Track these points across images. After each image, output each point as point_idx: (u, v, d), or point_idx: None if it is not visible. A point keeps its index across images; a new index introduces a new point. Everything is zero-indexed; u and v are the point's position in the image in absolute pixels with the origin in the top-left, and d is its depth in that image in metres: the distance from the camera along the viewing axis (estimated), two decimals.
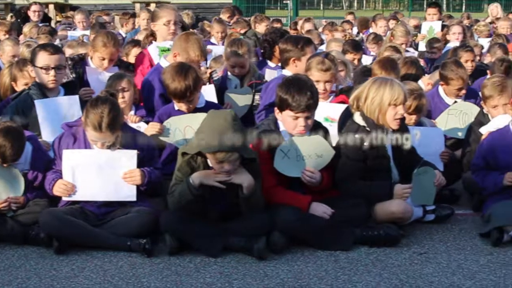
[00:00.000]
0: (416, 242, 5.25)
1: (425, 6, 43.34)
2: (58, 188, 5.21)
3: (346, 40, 9.67)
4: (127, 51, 8.06)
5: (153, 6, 21.89)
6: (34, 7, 14.62)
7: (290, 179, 5.27)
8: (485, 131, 5.93)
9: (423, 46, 11.03)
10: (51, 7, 21.16)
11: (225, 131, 4.81)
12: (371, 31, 12.59)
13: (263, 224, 5.02)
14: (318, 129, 5.41)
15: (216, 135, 4.81)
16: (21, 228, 5.10)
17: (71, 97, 6.21)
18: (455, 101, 7.10)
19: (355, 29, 14.49)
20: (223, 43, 10.41)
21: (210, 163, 4.97)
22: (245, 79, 7.33)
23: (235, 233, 5.00)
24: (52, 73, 6.11)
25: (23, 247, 5.08)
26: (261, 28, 12.44)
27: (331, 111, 6.11)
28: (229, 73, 7.38)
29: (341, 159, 5.36)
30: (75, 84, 6.51)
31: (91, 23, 12.27)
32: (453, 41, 10.69)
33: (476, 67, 8.65)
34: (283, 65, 7.11)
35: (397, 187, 5.30)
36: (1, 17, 16.92)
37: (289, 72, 6.79)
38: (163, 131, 5.93)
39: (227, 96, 7.11)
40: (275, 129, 5.34)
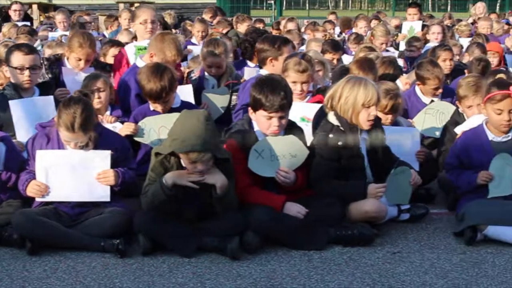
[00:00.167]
0: (390, 241, 5.26)
1: None
2: (31, 189, 5.18)
3: (325, 40, 9.69)
4: (105, 51, 8.04)
5: (136, 6, 21.88)
6: (15, 6, 14.56)
7: (264, 179, 5.27)
8: (460, 131, 5.95)
9: (403, 46, 11.06)
10: (35, 7, 21.04)
11: (198, 131, 4.80)
12: (354, 31, 12.66)
13: (237, 224, 5.02)
14: (292, 129, 5.42)
15: (189, 135, 4.80)
16: None
17: (46, 98, 6.20)
18: (432, 100, 7.14)
19: (338, 29, 14.53)
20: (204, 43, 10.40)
21: (183, 163, 4.96)
22: (222, 79, 7.34)
23: (208, 233, 4.99)
24: (26, 73, 6.10)
25: None
26: (243, 28, 12.45)
27: (307, 111, 6.12)
28: (206, 73, 7.38)
29: (315, 159, 5.37)
30: (50, 84, 6.50)
31: (72, 24, 12.24)
32: (433, 41, 10.76)
33: (454, 66, 8.69)
34: (260, 65, 7.13)
35: (371, 186, 5.31)
36: None
37: (267, 71, 6.80)
38: (137, 131, 5.93)
39: (204, 96, 7.11)
40: (249, 129, 5.34)
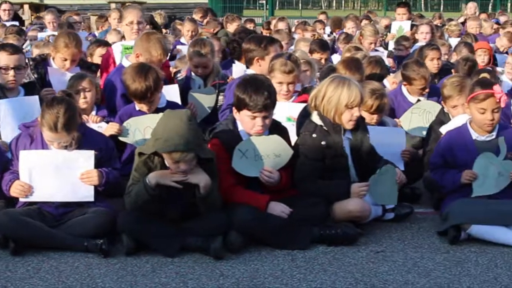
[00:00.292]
0: (374, 240, 5.26)
1: None
2: (15, 189, 5.17)
3: (313, 39, 9.70)
4: (91, 51, 8.04)
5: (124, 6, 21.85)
6: (4, 6, 14.50)
7: (248, 179, 5.27)
8: (445, 131, 5.95)
9: (392, 45, 11.08)
10: (26, 7, 21.03)
11: (181, 131, 4.79)
12: (344, 31, 12.68)
13: (221, 223, 5.02)
14: (277, 128, 5.43)
15: (171, 135, 4.79)
16: None
17: (31, 98, 6.18)
18: (418, 100, 7.15)
19: (328, 29, 14.53)
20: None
21: (166, 163, 4.96)
22: (208, 79, 7.35)
23: (192, 233, 4.98)
24: (11, 73, 6.09)
25: None
26: (233, 28, 12.45)
27: (293, 111, 6.11)
28: (192, 73, 7.38)
29: (299, 159, 5.37)
30: (35, 84, 6.48)
31: (60, 24, 12.22)
32: (422, 41, 10.80)
33: (442, 66, 8.71)
34: (247, 64, 7.14)
35: (354, 185, 5.31)
36: None
37: (254, 71, 6.81)
38: (122, 131, 5.93)
39: (190, 96, 7.11)
40: (234, 129, 5.35)
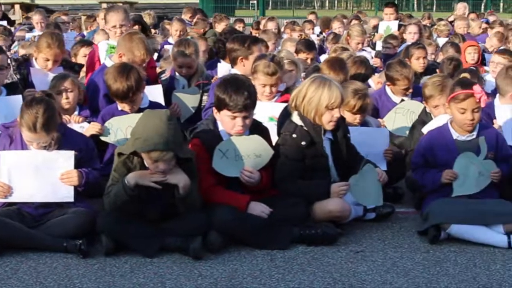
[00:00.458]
0: (354, 240, 5.26)
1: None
2: None
3: (300, 39, 9.70)
4: (75, 51, 8.03)
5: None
6: None
7: (229, 179, 5.26)
8: (426, 130, 5.95)
9: (380, 45, 11.09)
10: (17, 7, 21.02)
11: (160, 130, 4.79)
12: (332, 31, 12.70)
13: (200, 224, 5.01)
14: (257, 128, 5.42)
15: (151, 134, 4.79)
16: None
17: (15, 97, 6.17)
18: (402, 100, 7.15)
19: (318, 29, 14.55)
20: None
21: (146, 163, 4.95)
22: (192, 79, 7.35)
23: (172, 233, 4.98)
24: None
25: None
26: (221, 27, 12.46)
27: (275, 111, 6.12)
28: (176, 73, 7.37)
29: (280, 159, 5.37)
30: (17, 85, 6.48)
31: (47, 24, 12.19)
32: (410, 41, 10.81)
33: (428, 65, 8.73)
34: (232, 64, 7.15)
35: (334, 185, 5.31)
36: None
37: (238, 71, 6.81)
38: (104, 131, 5.92)
39: (174, 96, 7.11)
40: (214, 129, 5.34)
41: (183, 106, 7.05)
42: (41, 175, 5.16)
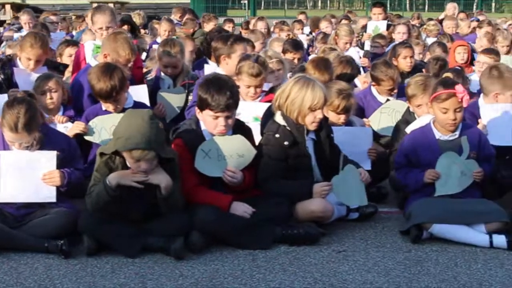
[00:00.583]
0: (337, 240, 5.27)
1: (388, 6, 43.82)
2: None
3: (287, 39, 9.71)
4: (61, 51, 8.02)
5: (110, 6, 21.80)
6: None
7: (212, 179, 5.26)
8: (410, 130, 5.95)
9: (369, 45, 11.10)
10: (8, 7, 20.98)
11: (142, 129, 4.79)
12: (322, 31, 12.71)
13: (182, 224, 5.01)
14: (240, 128, 5.42)
15: (133, 134, 4.79)
16: None
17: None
18: (388, 99, 7.15)
19: (307, 29, 14.55)
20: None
21: (128, 162, 4.94)
22: (178, 79, 7.34)
23: (154, 233, 4.98)
24: None
25: None
26: (210, 27, 12.44)
27: (260, 111, 6.11)
28: (162, 73, 7.37)
29: (262, 159, 5.37)
30: (1, 85, 6.45)
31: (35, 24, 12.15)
32: (398, 40, 10.79)
33: (416, 65, 8.74)
34: (217, 63, 7.17)
35: (316, 185, 5.31)
36: None
37: (223, 70, 6.83)
38: (88, 130, 5.91)
39: (159, 96, 7.10)
40: (197, 129, 5.34)
41: (168, 106, 7.04)
42: (23, 176, 5.15)
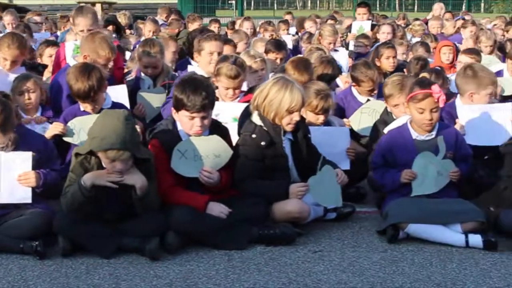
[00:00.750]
0: (313, 240, 5.27)
1: (377, 6, 43.88)
2: None
3: (269, 39, 9.71)
4: (41, 51, 7.99)
5: (98, 6, 21.77)
6: None
7: (188, 179, 5.25)
8: (388, 131, 5.96)
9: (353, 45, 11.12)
10: None
11: (118, 129, 4.78)
12: (307, 31, 12.73)
13: (158, 224, 5.00)
14: (217, 128, 5.42)
15: (108, 134, 4.78)
16: None
17: None
18: (368, 100, 7.16)
19: (293, 29, 14.56)
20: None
21: (103, 163, 4.93)
22: (158, 79, 7.34)
23: (129, 233, 4.97)
24: None
25: None
26: (194, 27, 12.41)
27: (239, 111, 6.10)
28: (142, 73, 7.36)
29: (239, 159, 5.37)
30: None
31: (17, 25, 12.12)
32: (383, 40, 10.80)
33: (399, 65, 8.75)
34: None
35: (292, 186, 5.31)
36: None
37: (199, 67, 7.14)
38: (66, 131, 5.89)
39: (139, 96, 7.09)
40: (173, 129, 5.33)
41: (148, 106, 7.03)
42: None
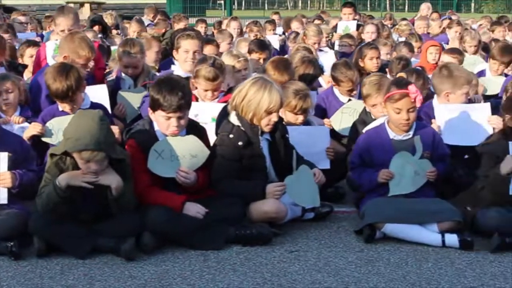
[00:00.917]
0: (290, 240, 5.26)
1: (368, 6, 44.02)
2: None
3: (252, 39, 9.71)
4: (22, 51, 7.97)
5: (87, 6, 21.78)
6: None
7: (166, 180, 5.24)
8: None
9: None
10: None
11: (92, 130, 4.77)
12: (293, 31, 12.74)
13: (134, 224, 4.99)
14: (194, 128, 5.41)
15: (83, 134, 4.76)
16: None
17: None
18: (350, 99, 7.16)
19: (280, 29, 14.55)
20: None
21: (78, 163, 4.92)
22: (138, 79, 7.33)
23: (105, 234, 4.95)
24: None
25: None
26: (180, 27, 12.39)
27: (217, 111, 6.10)
28: (123, 73, 7.35)
29: (216, 159, 5.36)
30: None
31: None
32: (367, 40, 10.81)
33: (382, 66, 8.74)
34: None
35: (269, 186, 5.30)
36: None
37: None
38: (45, 131, 5.88)
39: (120, 96, 7.08)
40: (150, 129, 5.31)
41: (129, 106, 7.02)
42: None
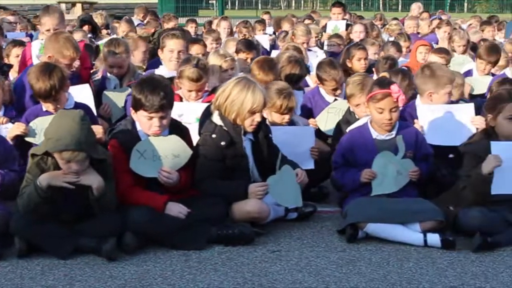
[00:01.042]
0: (273, 240, 5.26)
1: (361, 6, 44.04)
2: None
3: (240, 39, 9.71)
4: (8, 51, 7.96)
5: (78, 6, 21.74)
6: None
7: (147, 179, 5.23)
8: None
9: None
10: None
11: (73, 130, 4.75)
12: (283, 30, 12.73)
13: (115, 225, 4.98)
14: (177, 128, 5.40)
15: (63, 134, 4.75)
16: None
17: None
18: (336, 99, 7.16)
19: (271, 29, 14.56)
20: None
21: (59, 164, 4.91)
22: (124, 79, 7.33)
23: (86, 234, 4.94)
24: None
25: None
26: (169, 27, 12.40)
27: (201, 111, 6.09)
28: (108, 73, 7.34)
29: (199, 159, 5.36)
30: None
31: None
32: (356, 39, 10.82)
33: (370, 66, 8.75)
34: None
35: (251, 186, 5.30)
36: None
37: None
38: (28, 131, 5.86)
39: (105, 95, 7.07)
40: (132, 129, 5.31)
41: (114, 106, 7.01)
42: None
